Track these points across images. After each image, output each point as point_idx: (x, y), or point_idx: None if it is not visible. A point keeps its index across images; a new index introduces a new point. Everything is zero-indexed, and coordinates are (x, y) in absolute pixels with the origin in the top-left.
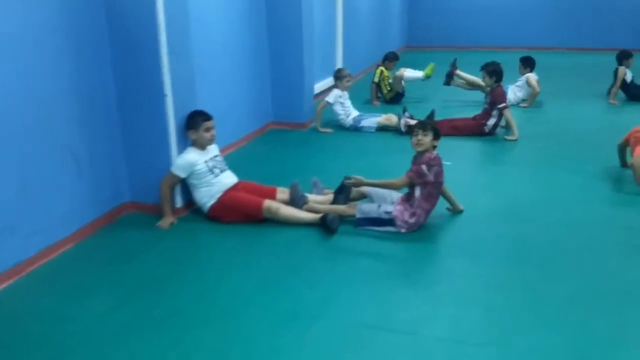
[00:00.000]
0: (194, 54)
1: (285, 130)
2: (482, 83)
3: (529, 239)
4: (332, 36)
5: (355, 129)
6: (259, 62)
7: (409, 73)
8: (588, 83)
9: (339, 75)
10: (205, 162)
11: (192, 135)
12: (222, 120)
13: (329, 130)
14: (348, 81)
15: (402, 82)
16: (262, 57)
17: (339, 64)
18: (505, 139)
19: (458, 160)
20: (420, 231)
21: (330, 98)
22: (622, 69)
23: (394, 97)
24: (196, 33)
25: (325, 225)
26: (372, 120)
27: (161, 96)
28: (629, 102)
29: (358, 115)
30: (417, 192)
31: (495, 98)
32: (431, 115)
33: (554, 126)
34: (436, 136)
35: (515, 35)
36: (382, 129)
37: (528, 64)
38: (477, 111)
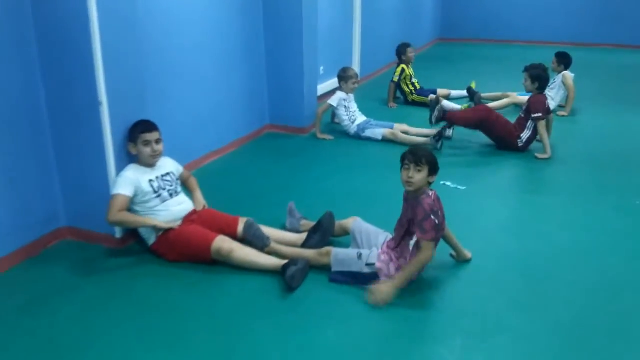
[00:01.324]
0: (166, 52)
1: (282, 136)
2: (510, 95)
3: (550, 312)
4: (348, 29)
5: (360, 137)
6: (253, 61)
7: (447, 103)
8: (638, 88)
9: (344, 76)
10: (150, 181)
11: (132, 150)
12: (204, 124)
13: (329, 137)
14: (355, 83)
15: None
16: (257, 55)
17: (356, 60)
18: (536, 158)
19: (474, 184)
20: (408, 290)
21: (333, 101)
22: None
23: (420, 95)
24: (167, 29)
25: (284, 281)
26: (376, 132)
27: (95, 104)
28: None
29: (364, 122)
30: (412, 243)
31: (532, 106)
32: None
33: (596, 143)
34: (433, 170)
35: (560, 29)
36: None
37: (563, 60)
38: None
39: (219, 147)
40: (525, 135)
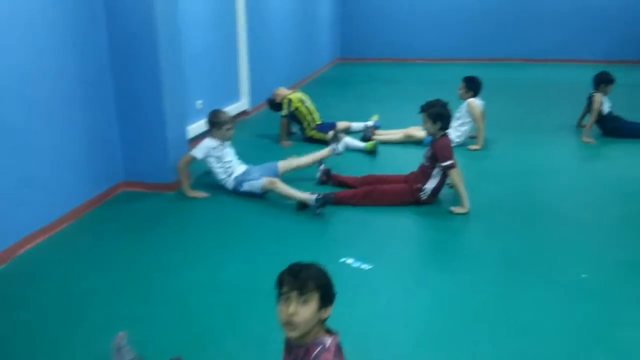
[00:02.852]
0: None
1: (141, 195)
2: (417, 133)
3: None
4: (233, 53)
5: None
6: (96, 102)
7: (350, 140)
8: (554, 108)
9: (216, 122)
10: None
11: None
12: (15, 198)
13: (202, 194)
14: (229, 129)
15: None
16: (102, 95)
17: (245, 89)
18: (452, 212)
19: (379, 258)
20: None
21: (198, 152)
22: (597, 96)
23: (320, 131)
24: None
25: None
26: (255, 185)
27: None
28: (605, 137)
29: (241, 174)
30: None
31: (438, 152)
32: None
33: (517, 185)
34: (327, 298)
35: (464, 45)
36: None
37: (472, 85)
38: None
39: (46, 223)
40: (430, 185)
